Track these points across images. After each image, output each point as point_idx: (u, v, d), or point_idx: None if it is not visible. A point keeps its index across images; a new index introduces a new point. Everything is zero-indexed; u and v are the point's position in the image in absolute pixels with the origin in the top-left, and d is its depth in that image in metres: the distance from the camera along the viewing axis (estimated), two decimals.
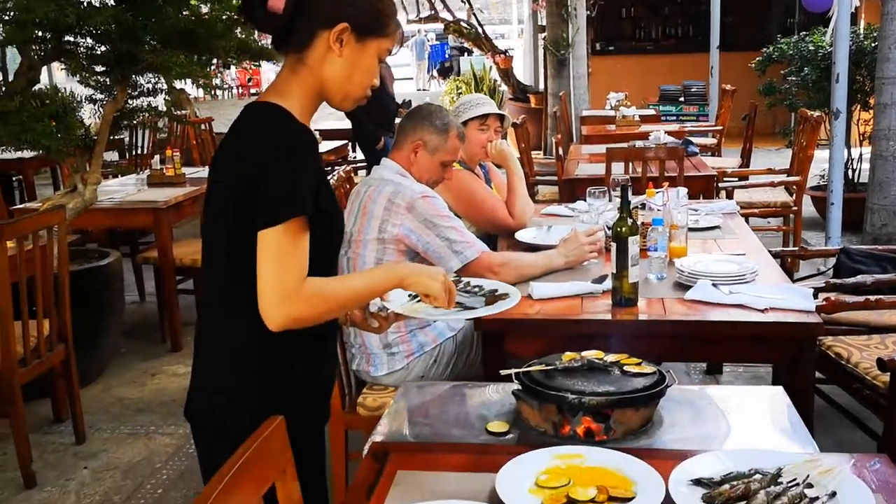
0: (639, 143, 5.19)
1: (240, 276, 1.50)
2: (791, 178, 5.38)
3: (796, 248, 4.02)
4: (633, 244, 2.33)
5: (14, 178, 7.18)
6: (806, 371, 2.33)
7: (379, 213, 2.57)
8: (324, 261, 1.59)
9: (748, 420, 1.75)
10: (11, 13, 3.55)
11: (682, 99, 9.59)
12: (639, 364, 1.80)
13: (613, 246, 2.35)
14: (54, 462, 3.36)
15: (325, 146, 6.99)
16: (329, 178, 3.54)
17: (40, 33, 3.67)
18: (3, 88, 3.82)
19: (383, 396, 2.60)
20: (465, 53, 18.53)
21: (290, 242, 1.46)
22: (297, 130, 1.52)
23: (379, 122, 6.04)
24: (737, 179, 5.63)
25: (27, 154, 6.42)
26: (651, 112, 8.22)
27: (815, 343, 2.33)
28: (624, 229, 2.32)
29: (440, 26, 11.92)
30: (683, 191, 3.42)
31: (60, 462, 3.36)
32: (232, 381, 1.57)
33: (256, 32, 3.86)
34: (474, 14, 11.31)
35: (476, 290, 1.84)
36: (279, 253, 1.45)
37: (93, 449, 3.46)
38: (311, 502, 1.42)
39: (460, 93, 12.09)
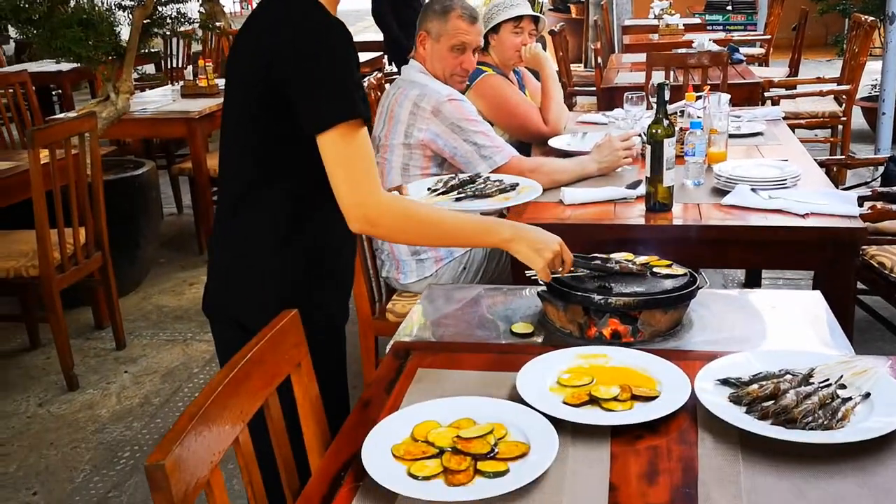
0: (682, 50, 5.00)
1: (262, 172, 1.46)
2: (841, 87, 5.15)
3: (843, 157, 3.88)
4: (669, 147, 2.25)
5: (53, 92, 7.21)
6: (847, 278, 2.25)
7: (405, 118, 2.51)
8: None
9: (783, 324, 1.70)
10: None
11: (729, 7, 9.19)
12: (669, 266, 1.74)
13: (648, 149, 2.27)
14: (96, 366, 3.44)
15: (360, 58, 6.88)
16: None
17: None
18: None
19: (412, 302, 2.59)
20: None
21: (352, 142, 1.40)
22: (334, 24, 1.44)
23: (411, 32, 5.88)
24: (784, 90, 5.42)
25: (65, 67, 6.43)
26: (696, 21, 7.91)
27: (857, 249, 2.25)
28: (659, 131, 2.23)
29: None
30: (726, 97, 3.27)
31: (101, 366, 3.44)
32: (248, 276, 1.56)
33: None
34: None
35: (497, 183, 1.79)
36: (343, 157, 1.40)
37: (133, 354, 3.54)
38: (329, 401, 1.42)
39: None
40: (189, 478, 0.96)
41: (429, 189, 1.78)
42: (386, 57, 7.39)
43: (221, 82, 5.16)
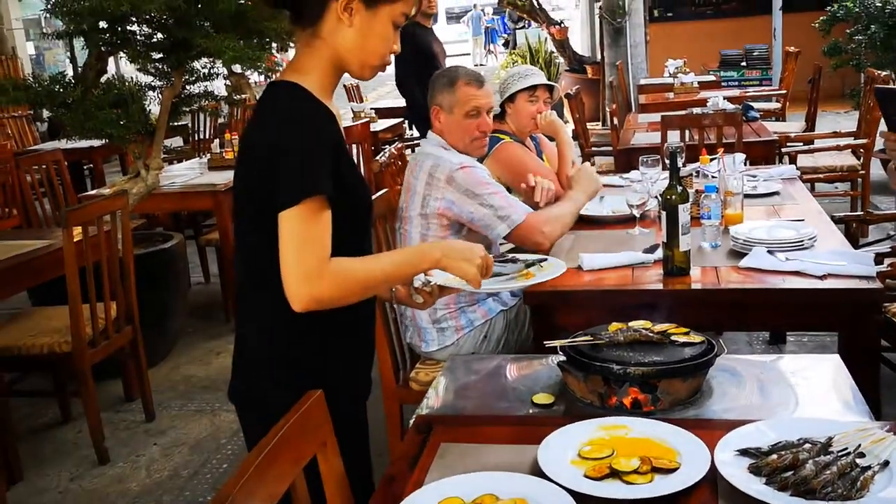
0: (697, 110, 5.07)
1: (267, 258, 1.52)
2: (858, 141, 5.18)
3: (861, 213, 3.89)
4: (684, 212, 2.29)
5: (85, 167, 7.43)
6: (868, 338, 2.26)
7: (421, 189, 2.59)
8: (356, 234, 1.60)
9: (802, 390, 1.71)
10: (70, 4, 3.65)
11: (743, 63, 9.32)
12: (687, 333, 1.77)
13: (664, 214, 2.31)
14: (125, 439, 3.49)
15: (381, 124, 7.03)
16: (381, 155, 3.57)
17: (101, 24, 3.77)
18: (72, 80, 3.94)
19: (435, 371, 2.62)
20: (522, 25, 18.20)
21: (309, 223, 1.46)
22: (310, 108, 1.53)
23: None
24: (801, 144, 5.46)
25: (96, 143, 6.64)
26: (711, 78, 8.02)
27: (876, 309, 2.26)
28: (673, 197, 2.28)
29: (495, 0, 11.77)
30: (740, 157, 3.34)
31: (131, 439, 3.49)
32: (269, 362, 1.60)
33: None
34: None
35: (520, 262, 1.84)
36: (298, 234, 1.46)
37: (162, 426, 3.58)
38: (354, 477, 1.45)
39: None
40: None
41: None
42: (406, 122, 7.54)
43: None
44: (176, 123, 5.12)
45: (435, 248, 1.66)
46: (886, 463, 1.32)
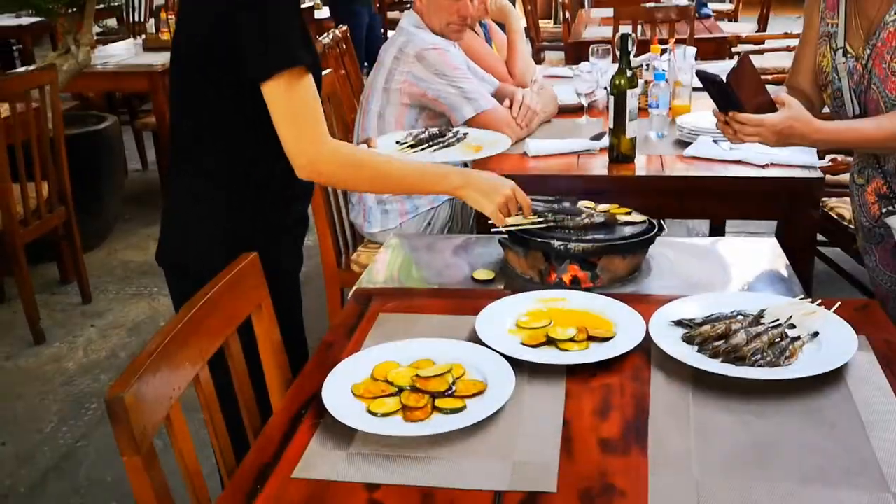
0: (650, 5, 4.99)
1: (208, 124, 1.46)
2: None
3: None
4: (632, 98, 2.26)
5: (14, 47, 7.06)
6: (805, 228, 2.30)
7: (388, 63, 2.53)
8: None
9: (739, 270, 1.74)
10: None
11: None
12: (629, 213, 1.77)
13: (611, 100, 2.28)
14: (62, 320, 3.43)
15: (325, 12, 6.81)
16: (325, 36, 3.44)
17: None
18: None
19: (377, 253, 2.60)
20: None
21: (295, 91, 1.41)
22: None
23: None
24: (752, 45, 5.44)
25: (26, 21, 6.28)
26: None
27: (815, 200, 2.29)
28: (622, 82, 2.25)
29: None
30: (691, 50, 3.29)
31: (68, 320, 3.43)
32: (197, 226, 1.56)
33: None
34: None
35: (465, 138, 1.80)
36: (288, 107, 1.41)
37: (99, 308, 3.52)
38: (289, 345, 1.43)
39: None
40: (149, 411, 0.98)
41: (397, 142, 1.78)
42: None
43: None
44: (109, 3, 4.87)
45: (459, 174, 1.60)
46: (816, 334, 1.35)
